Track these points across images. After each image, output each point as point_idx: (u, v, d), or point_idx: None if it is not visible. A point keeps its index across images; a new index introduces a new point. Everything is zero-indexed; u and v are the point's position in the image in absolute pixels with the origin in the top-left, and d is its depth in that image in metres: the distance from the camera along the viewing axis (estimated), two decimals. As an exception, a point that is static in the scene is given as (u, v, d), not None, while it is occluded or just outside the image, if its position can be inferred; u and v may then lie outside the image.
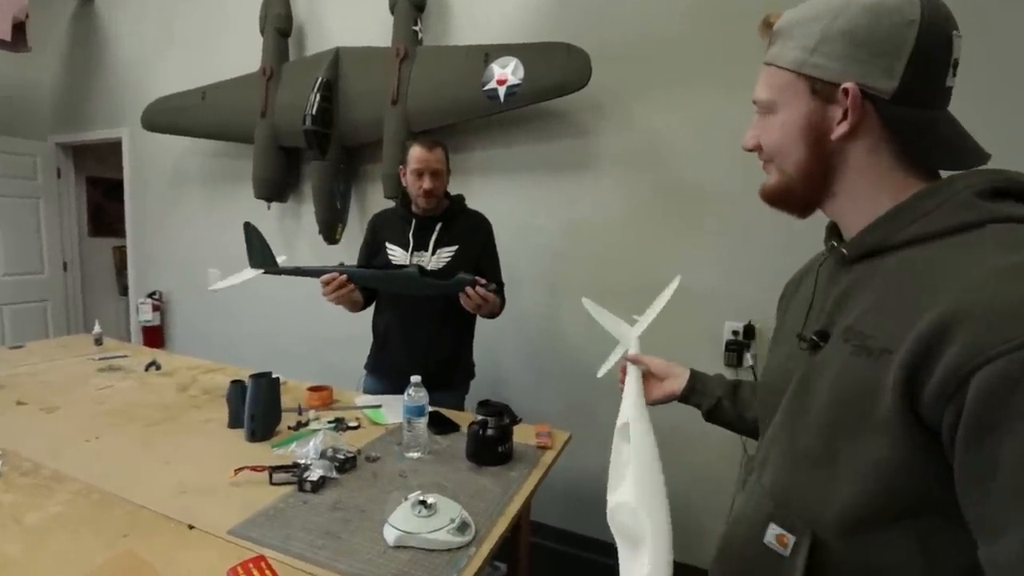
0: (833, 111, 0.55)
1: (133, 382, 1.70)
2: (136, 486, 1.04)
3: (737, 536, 0.66)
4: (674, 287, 1.04)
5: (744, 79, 1.75)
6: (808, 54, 0.55)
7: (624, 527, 0.68)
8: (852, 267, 0.58)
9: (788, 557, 0.56)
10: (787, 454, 0.60)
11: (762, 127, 0.62)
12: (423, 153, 1.54)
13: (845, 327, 0.55)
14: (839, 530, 0.53)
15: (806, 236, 1.72)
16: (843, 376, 0.53)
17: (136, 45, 3.19)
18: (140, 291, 3.33)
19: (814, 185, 0.60)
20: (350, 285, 1.49)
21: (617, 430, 0.84)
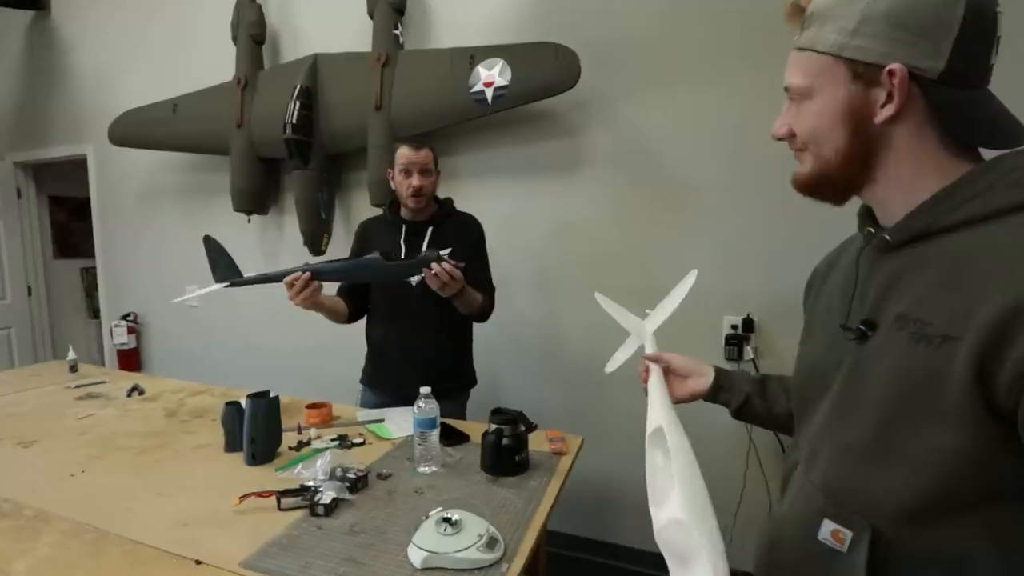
0: (876, 94, 0.53)
1: (116, 409, 1.61)
2: (132, 521, 0.97)
3: (786, 534, 0.64)
4: (691, 282, 1.02)
5: (730, 76, 1.79)
6: (849, 37, 0.53)
7: (674, 544, 0.65)
8: (896, 253, 0.57)
9: (846, 553, 0.55)
10: (840, 448, 0.58)
11: (796, 114, 0.61)
12: (410, 152, 1.50)
13: (896, 315, 0.53)
14: (902, 522, 0.51)
15: (800, 227, 1.75)
16: (901, 365, 0.51)
17: (99, 57, 3.05)
18: (113, 313, 3.18)
19: (854, 171, 0.58)
20: (315, 284, 1.42)
21: (648, 436, 0.81)
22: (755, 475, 1.78)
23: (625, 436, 2.02)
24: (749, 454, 1.79)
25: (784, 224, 1.77)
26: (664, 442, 0.78)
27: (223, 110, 2.42)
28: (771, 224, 1.79)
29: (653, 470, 0.77)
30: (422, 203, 1.54)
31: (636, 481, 2.05)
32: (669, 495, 0.69)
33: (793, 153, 0.64)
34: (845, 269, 0.67)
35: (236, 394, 1.71)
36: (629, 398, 2.02)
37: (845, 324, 0.61)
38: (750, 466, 1.79)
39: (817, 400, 0.65)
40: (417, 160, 1.50)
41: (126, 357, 3.06)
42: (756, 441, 1.77)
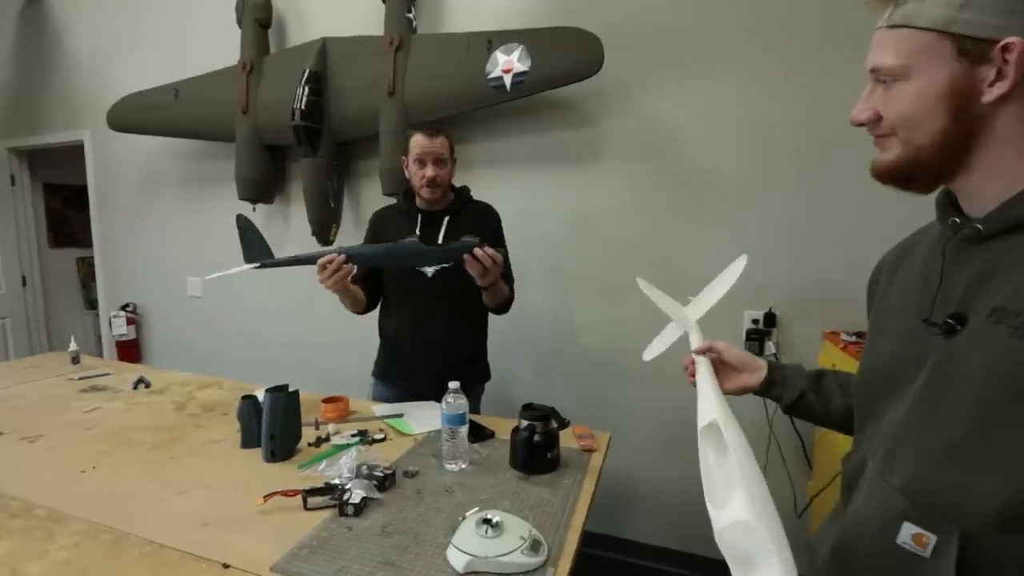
0: (984, 72, 0.50)
1: (122, 402, 1.55)
2: (151, 521, 0.92)
3: (860, 537, 0.61)
4: (740, 268, 0.98)
5: (751, 64, 1.74)
6: (957, 10, 0.49)
7: (739, 546, 0.61)
8: (988, 244, 0.53)
9: (929, 558, 0.52)
10: (926, 448, 0.55)
11: (884, 97, 0.56)
12: (425, 140, 1.44)
13: (994, 308, 0.50)
14: (996, 526, 0.48)
15: (823, 220, 1.71)
16: (1001, 360, 0.48)
17: (96, 41, 2.96)
18: (112, 304, 3.11)
19: (949, 157, 0.54)
20: (347, 267, 1.37)
21: (701, 431, 0.77)
22: (776, 471, 1.75)
23: (640, 432, 1.99)
24: (769, 450, 1.76)
25: (806, 217, 1.74)
26: (718, 437, 0.74)
27: (227, 95, 2.35)
28: (793, 217, 1.75)
29: (707, 467, 0.73)
30: (437, 193, 1.49)
31: (651, 477, 2.03)
32: (732, 496, 0.66)
33: (874, 140, 0.60)
34: (923, 261, 0.64)
35: (247, 387, 1.66)
36: (645, 393, 1.99)
37: (929, 319, 0.57)
38: (770, 461, 1.76)
39: (890, 397, 0.62)
40: (432, 149, 1.44)
41: (125, 348, 2.99)
42: (778, 436, 1.74)
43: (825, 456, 1.59)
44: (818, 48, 1.66)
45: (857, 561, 0.61)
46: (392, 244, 1.42)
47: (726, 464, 0.70)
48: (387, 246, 1.42)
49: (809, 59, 1.67)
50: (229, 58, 2.38)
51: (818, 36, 1.66)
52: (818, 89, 1.67)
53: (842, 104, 0.63)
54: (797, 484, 1.73)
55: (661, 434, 1.96)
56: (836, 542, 0.65)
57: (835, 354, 1.51)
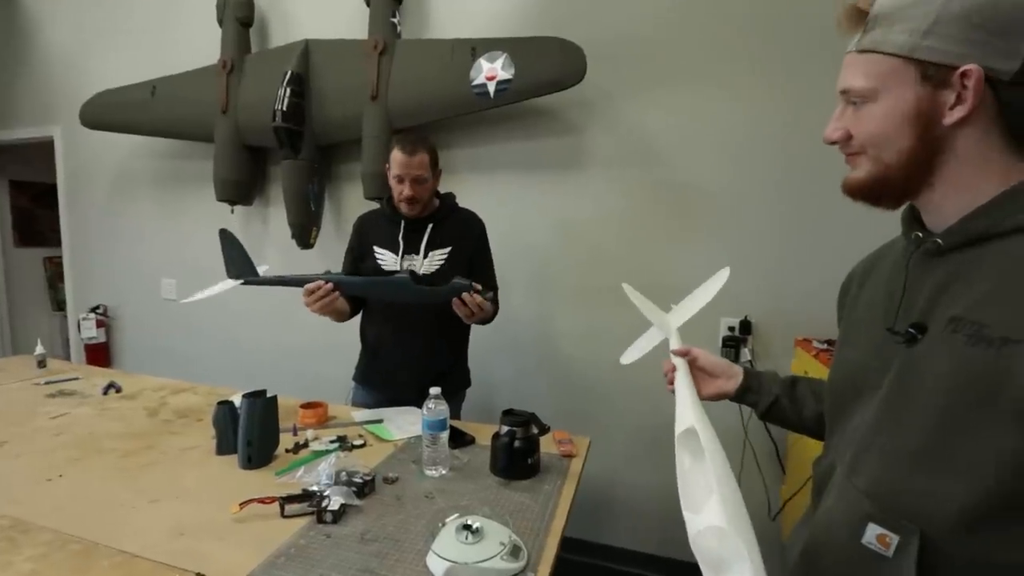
0: (945, 96, 0.53)
1: (92, 408, 1.51)
2: (122, 531, 0.90)
3: (827, 539, 0.63)
4: (723, 280, 1.01)
5: (733, 78, 1.79)
6: (921, 37, 0.52)
7: (712, 551, 0.64)
8: (948, 256, 0.56)
9: (891, 558, 0.54)
10: (890, 452, 0.57)
11: (855, 118, 0.59)
12: (404, 158, 1.41)
13: (951, 317, 0.53)
14: (956, 528, 0.51)
15: (799, 231, 1.76)
16: (958, 367, 0.51)
17: (70, 36, 2.89)
18: (81, 306, 3.02)
19: (915, 175, 0.57)
20: (336, 294, 1.38)
21: (678, 437, 0.79)
22: (751, 476, 1.79)
23: (620, 438, 2.01)
24: (744, 455, 1.80)
25: (783, 228, 1.79)
26: (695, 443, 0.76)
27: (207, 94, 2.31)
28: (770, 228, 1.80)
29: (683, 472, 0.75)
30: (416, 210, 1.48)
31: (630, 483, 2.05)
32: (707, 501, 0.68)
33: (845, 158, 0.63)
34: (889, 273, 0.67)
35: (222, 392, 1.63)
36: (624, 400, 2.01)
37: (892, 328, 0.60)
38: (745, 468, 1.80)
39: (857, 403, 0.65)
40: (411, 167, 1.41)
41: (95, 352, 2.91)
42: (752, 442, 1.78)
43: (798, 461, 1.63)
44: (799, 64, 1.71)
45: (825, 562, 0.63)
46: (383, 279, 1.41)
47: (702, 470, 0.72)
48: (378, 280, 1.42)
49: (790, 75, 1.72)
50: (209, 57, 2.34)
51: (800, 53, 1.71)
52: (797, 105, 1.72)
53: (820, 121, 0.66)
54: (771, 488, 1.77)
55: (640, 440, 1.99)
56: (806, 544, 0.67)
57: (807, 361, 1.56)
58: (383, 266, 1.51)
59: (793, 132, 1.73)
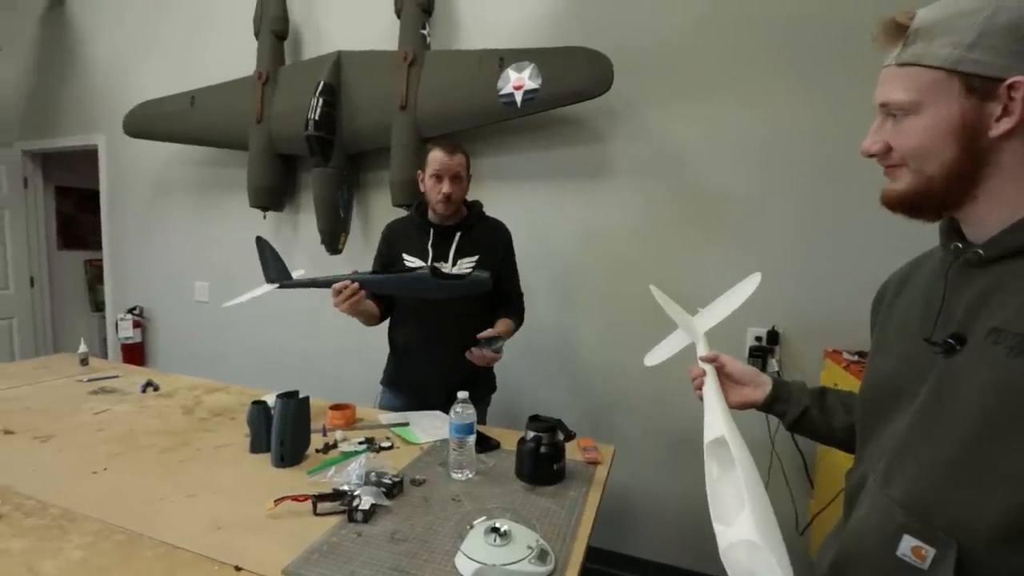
0: (991, 108, 0.53)
1: (131, 405, 1.57)
2: (163, 523, 0.94)
3: (860, 550, 0.62)
4: (754, 285, 1.00)
5: (759, 87, 1.78)
6: (966, 50, 0.53)
7: (743, 565, 0.64)
8: (989, 268, 0.56)
9: (927, 570, 0.54)
10: (926, 463, 0.57)
11: (895, 130, 0.59)
12: (444, 156, 1.47)
13: (992, 328, 0.53)
14: (994, 541, 0.50)
15: (827, 240, 1.74)
16: (999, 379, 0.51)
17: (114, 48, 3.03)
18: (119, 307, 3.14)
19: (957, 187, 0.57)
20: (361, 293, 1.42)
21: (707, 446, 0.79)
22: (778, 489, 1.75)
23: (643, 447, 2.00)
24: (771, 467, 1.77)
25: (811, 238, 1.76)
26: (724, 452, 0.76)
27: (242, 104, 2.40)
28: (797, 236, 1.78)
29: (712, 482, 0.75)
30: (451, 209, 1.52)
31: (653, 492, 2.03)
32: (739, 514, 0.68)
33: (884, 170, 0.63)
34: (926, 283, 0.66)
35: (253, 393, 1.67)
36: (648, 409, 2.00)
37: (930, 338, 0.59)
38: (772, 478, 1.76)
39: (890, 413, 0.64)
40: (451, 166, 1.47)
41: (131, 352, 3.01)
42: (780, 454, 1.75)
43: (827, 475, 1.60)
44: (824, 73, 1.70)
45: (856, 573, 0.62)
46: (403, 275, 1.45)
47: (732, 480, 0.72)
48: (400, 276, 1.45)
49: (818, 85, 1.71)
50: (245, 68, 2.43)
51: (824, 61, 1.69)
52: (823, 113, 1.71)
53: (848, 129, 0.66)
54: (799, 502, 1.74)
55: (663, 449, 1.97)
56: (836, 554, 0.66)
57: (837, 373, 1.53)
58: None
59: (819, 140, 1.72)
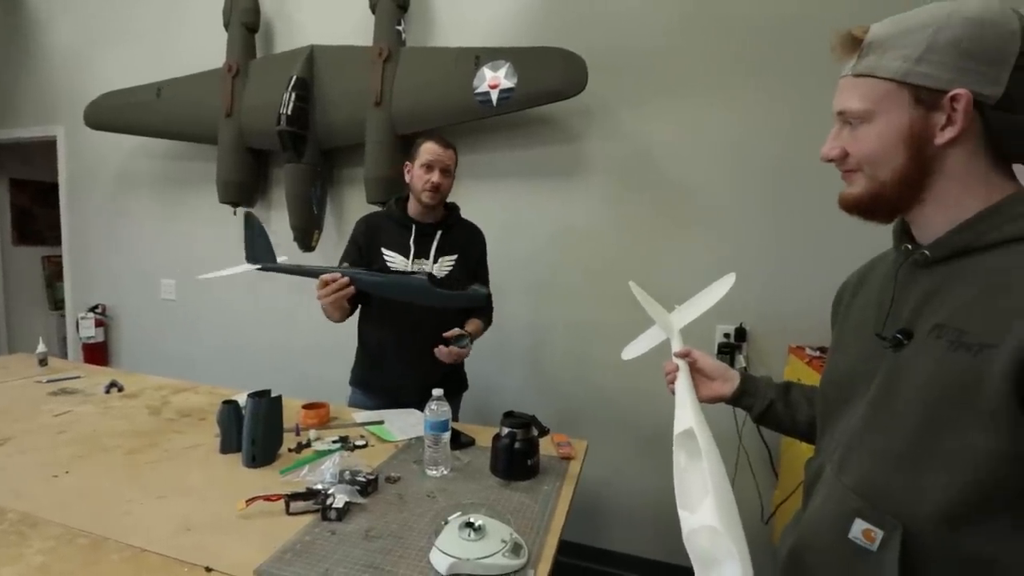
0: (936, 118, 0.56)
1: (94, 406, 1.52)
2: (130, 526, 0.92)
3: (816, 535, 0.66)
4: (728, 285, 1.04)
5: (731, 89, 1.83)
6: (913, 64, 0.56)
7: (704, 550, 0.67)
8: (933, 268, 0.60)
9: (876, 552, 0.57)
10: (876, 451, 0.60)
11: (851, 137, 0.63)
12: (437, 148, 1.49)
13: (935, 324, 0.57)
14: (936, 522, 0.54)
15: (794, 241, 1.80)
16: (939, 371, 0.54)
17: (74, 37, 2.91)
18: (79, 305, 3.02)
19: (907, 191, 0.61)
20: (350, 288, 1.39)
21: (677, 437, 0.82)
22: (745, 481, 1.81)
23: (618, 443, 2.04)
24: (738, 460, 1.83)
25: (779, 238, 1.82)
26: (693, 444, 0.79)
27: (211, 97, 2.34)
28: (766, 237, 1.84)
29: (679, 471, 0.78)
30: (437, 200, 1.52)
31: (627, 487, 2.07)
32: (703, 501, 0.71)
33: (841, 174, 0.66)
34: (880, 283, 0.70)
35: (223, 393, 1.64)
36: (621, 404, 2.04)
37: (881, 333, 0.63)
38: (739, 470, 1.82)
39: (847, 406, 0.68)
40: (443, 158, 1.50)
41: (93, 352, 2.91)
42: (747, 447, 1.81)
43: (791, 466, 1.66)
44: (796, 77, 1.75)
45: (813, 557, 0.66)
46: (402, 279, 1.42)
47: (698, 469, 0.75)
48: (397, 280, 1.42)
49: (788, 88, 1.76)
50: (214, 60, 2.37)
51: (797, 66, 1.74)
52: (795, 117, 1.76)
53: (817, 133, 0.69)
54: (764, 493, 1.80)
55: (637, 445, 2.01)
56: (795, 541, 0.70)
57: (800, 368, 1.59)
58: (393, 268, 1.53)
59: (790, 144, 1.77)
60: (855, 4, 0.55)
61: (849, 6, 1.28)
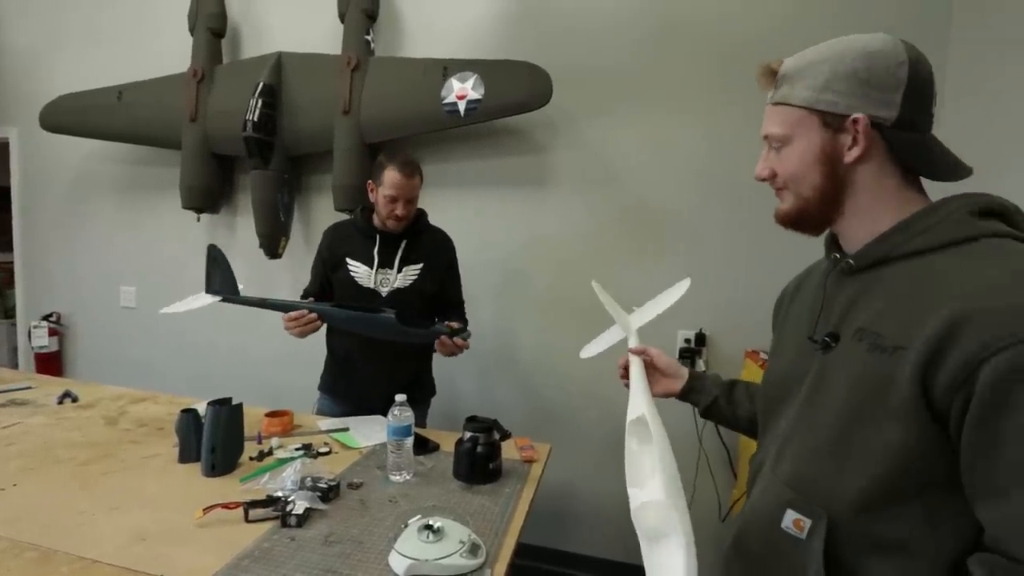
0: (844, 139, 0.62)
1: (46, 418, 1.48)
2: (81, 538, 0.90)
3: (754, 526, 0.71)
4: (683, 289, 1.09)
5: (691, 103, 1.91)
6: (818, 92, 0.62)
7: (651, 521, 0.71)
8: (857, 276, 0.66)
9: (804, 540, 0.61)
10: (807, 445, 0.65)
11: (776, 158, 0.69)
12: (402, 180, 1.45)
13: (857, 328, 0.62)
14: (854, 510, 0.59)
15: (750, 249, 1.88)
16: (859, 371, 0.60)
17: (28, 35, 2.81)
18: (32, 313, 2.90)
19: (829, 206, 0.66)
20: (317, 322, 1.44)
21: (630, 423, 0.87)
22: (704, 481, 1.87)
23: (583, 446, 2.07)
24: (699, 460, 1.89)
25: (737, 246, 1.90)
26: (644, 430, 0.83)
27: (175, 101, 2.30)
28: (725, 246, 1.91)
29: (631, 454, 0.83)
30: (401, 227, 1.53)
31: (593, 490, 2.11)
32: (652, 478, 0.75)
33: (774, 192, 0.72)
34: (813, 290, 0.76)
35: (183, 402, 1.61)
36: (588, 409, 2.08)
37: (813, 336, 0.69)
38: (700, 473, 1.88)
39: (783, 405, 0.73)
40: (407, 189, 1.47)
41: (46, 361, 2.79)
42: (707, 449, 1.87)
43: (748, 466, 1.73)
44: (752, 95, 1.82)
45: (752, 547, 0.71)
46: (369, 316, 1.43)
47: (648, 451, 0.80)
48: (364, 316, 1.44)
49: (744, 104, 1.83)
50: (178, 65, 2.33)
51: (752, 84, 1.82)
52: (753, 133, 1.81)
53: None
54: (723, 493, 1.86)
55: (603, 448, 2.05)
56: (737, 531, 0.74)
57: (755, 371, 1.66)
58: (356, 279, 1.54)
59: (749, 157, 1.85)
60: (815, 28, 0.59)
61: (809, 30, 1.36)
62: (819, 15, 1.77)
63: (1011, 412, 0.48)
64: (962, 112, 1.56)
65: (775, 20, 1.80)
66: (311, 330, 1.44)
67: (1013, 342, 0.47)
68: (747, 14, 1.83)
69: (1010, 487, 0.49)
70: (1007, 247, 0.56)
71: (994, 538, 0.51)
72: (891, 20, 1.70)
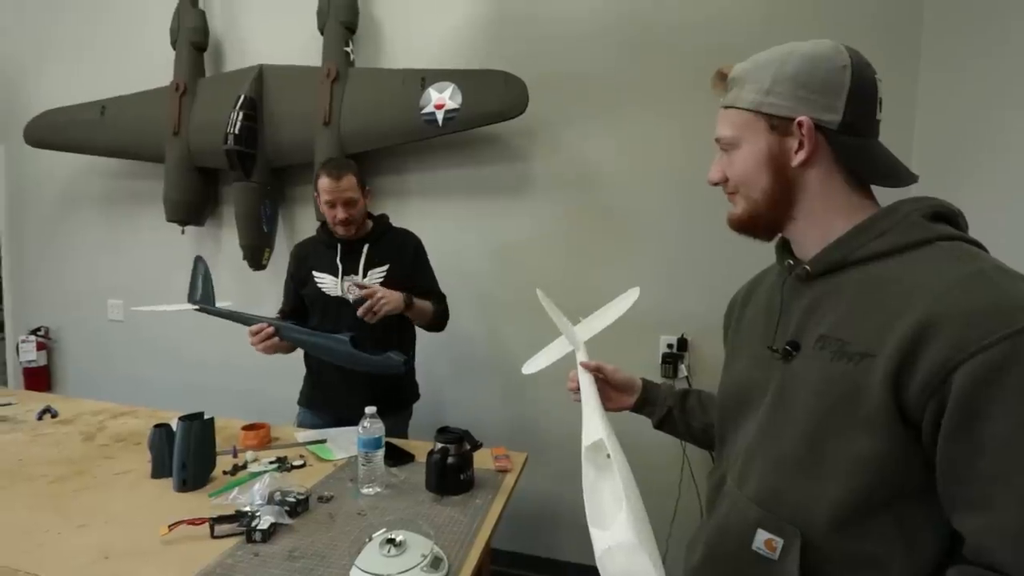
0: (790, 142, 0.62)
1: (24, 434, 1.48)
2: (44, 557, 0.90)
3: (721, 545, 0.67)
4: (632, 299, 1.07)
5: (667, 110, 1.92)
6: (763, 95, 0.62)
7: (619, 567, 0.63)
8: (814, 282, 0.64)
9: (777, 561, 0.59)
10: (773, 460, 0.63)
11: (727, 162, 0.68)
12: (330, 183, 1.46)
13: (819, 336, 0.60)
14: (828, 527, 0.56)
15: (731, 254, 1.88)
16: (824, 380, 0.58)
17: (13, 50, 2.83)
18: (20, 328, 2.90)
19: (779, 210, 0.66)
20: (276, 338, 1.46)
21: (586, 449, 0.80)
22: (689, 492, 1.87)
23: (564, 452, 2.06)
24: (683, 471, 1.88)
25: (716, 251, 1.90)
26: (602, 456, 0.79)
27: (158, 115, 2.31)
28: (704, 251, 1.92)
29: (589, 485, 0.76)
30: (352, 231, 1.54)
31: (574, 496, 2.09)
32: (616, 516, 0.67)
33: (727, 196, 0.71)
34: (766, 297, 0.74)
35: (164, 416, 1.61)
36: (568, 416, 2.07)
37: (772, 346, 0.67)
38: (684, 477, 1.88)
39: (743, 418, 0.71)
40: (340, 191, 1.47)
41: (34, 376, 2.79)
42: (688, 453, 1.87)
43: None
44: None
45: (721, 569, 0.68)
46: (322, 337, 1.47)
47: (610, 481, 0.73)
48: (320, 337, 1.47)
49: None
50: (161, 79, 2.35)
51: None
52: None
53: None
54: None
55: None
56: (703, 553, 0.71)
57: (734, 376, 1.66)
58: (323, 288, 1.55)
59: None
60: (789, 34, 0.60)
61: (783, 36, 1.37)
62: (794, 21, 1.78)
63: (990, 420, 0.47)
64: (934, 114, 1.57)
65: (751, 26, 1.81)
66: (272, 347, 1.47)
67: (986, 345, 0.46)
68: (723, 20, 1.84)
69: (994, 496, 0.47)
70: (963, 250, 0.55)
71: (976, 548, 0.49)
72: (865, 26, 1.72)
